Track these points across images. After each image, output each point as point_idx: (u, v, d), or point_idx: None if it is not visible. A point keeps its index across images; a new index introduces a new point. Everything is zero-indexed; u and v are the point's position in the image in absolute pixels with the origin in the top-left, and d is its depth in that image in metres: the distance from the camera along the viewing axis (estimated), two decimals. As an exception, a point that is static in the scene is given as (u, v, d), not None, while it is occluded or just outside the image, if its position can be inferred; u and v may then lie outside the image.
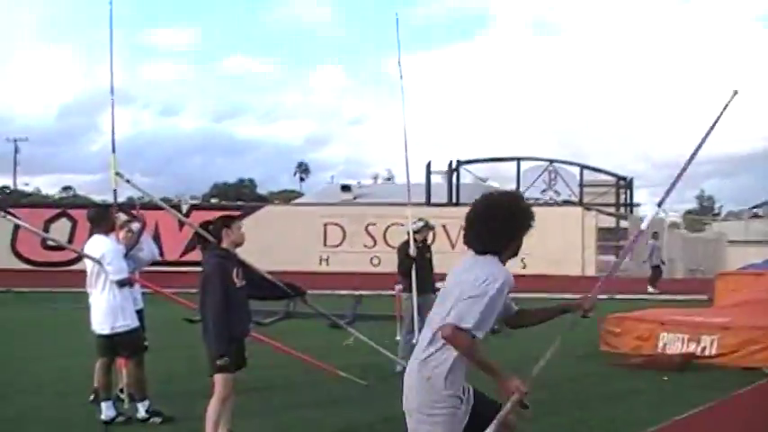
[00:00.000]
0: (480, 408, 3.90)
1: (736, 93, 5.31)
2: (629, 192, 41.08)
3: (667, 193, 5.45)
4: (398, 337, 11.53)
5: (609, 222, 38.49)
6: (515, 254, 4.15)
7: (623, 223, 38.68)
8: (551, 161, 39.20)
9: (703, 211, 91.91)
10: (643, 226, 6.00)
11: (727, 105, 5.30)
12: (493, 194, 4.28)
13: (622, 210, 40.14)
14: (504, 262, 4.06)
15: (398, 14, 10.32)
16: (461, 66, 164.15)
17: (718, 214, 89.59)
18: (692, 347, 11.13)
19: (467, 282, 3.85)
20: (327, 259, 31.62)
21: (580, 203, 36.95)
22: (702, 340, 11.11)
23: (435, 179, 40.06)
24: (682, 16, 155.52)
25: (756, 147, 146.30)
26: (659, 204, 5.98)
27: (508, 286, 3.93)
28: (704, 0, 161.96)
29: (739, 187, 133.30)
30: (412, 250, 10.60)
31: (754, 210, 68.17)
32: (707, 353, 11.00)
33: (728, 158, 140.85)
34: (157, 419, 7.61)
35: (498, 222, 4.00)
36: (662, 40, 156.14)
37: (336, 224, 32.00)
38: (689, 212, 73.07)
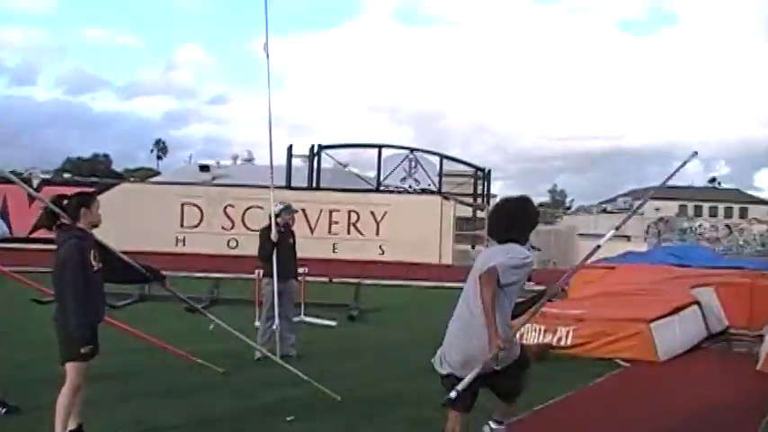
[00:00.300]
0: None
1: (695, 153, 6.18)
2: (486, 183, 41.84)
3: (624, 221, 6.86)
4: (257, 323, 11.29)
5: (466, 212, 39.12)
6: (525, 243, 5.40)
7: (480, 213, 39.40)
8: (412, 150, 39.46)
9: (555, 205, 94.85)
10: (601, 242, 6.22)
11: (685, 163, 6.22)
12: (511, 200, 5.62)
13: (480, 200, 40.84)
14: None
15: (268, -7, 9.91)
16: (329, 51, 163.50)
17: (569, 208, 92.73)
18: (548, 338, 11.34)
19: (500, 255, 5.12)
20: (184, 240, 30.89)
21: (439, 192, 37.38)
22: (559, 331, 11.34)
23: (296, 163, 39.75)
24: (542, 16, 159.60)
25: (606, 146, 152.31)
26: (617, 228, 6.52)
27: (530, 265, 5.24)
28: (567, 5, 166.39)
29: (589, 183, 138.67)
30: (273, 235, 10.32)
31: (603, 205, 70.98)
32: (563, 343, 11.23)
33: (580, 155, 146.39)
34: (1, 410, 7.12)
35: (518, 220, 5.38)
36: (522, 37, 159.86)
37: (194, 204, 31.27)
38: (541, 205, 75.12)
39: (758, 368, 10.15)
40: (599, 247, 6.13)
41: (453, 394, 5.06)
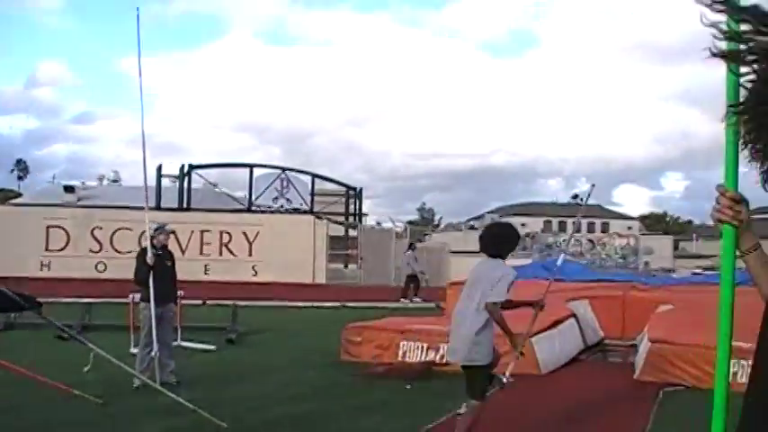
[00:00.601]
0: None
1: (593, 186, 7.16)
2: (357, 201, 42.02)
3: (567, 241, 6.93)
4: (133, 350, 10.90)
5: (339, 231, 39.16)
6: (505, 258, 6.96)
7: (352, 232, 39.49)
8: (284, 169, 39.30)
9: (424, 222, 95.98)
10: (558, 262, 8.26)
11: (588, 195, 8.29)
12: (500, 224, 8.42)
13: (351, 219, 40.97)
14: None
15: (140, 10, 9.63)
16: (198, 70, 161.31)
17: (438, 225, 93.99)
18: (431, 355, 11.35)
19: (493, 275, 6.63)
20: (49, 264, 29.77)
21: (311, 212, 37.31)
22: (442, 348, 11.35)
23: (166, 183, 38.99)
24: (409, 38, 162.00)
25: (471, 164, 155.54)
26: (565, 253, 8.59)
27: (515, 276, 6.78)
28: (432, 28, 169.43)
29: (457, 201, 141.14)
30: (149, 258, 9.96)
31: (471, 222, 72.32)
32: (445, 360, 11.24)
33: (447, 174, 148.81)
34: None
35: (504, 240, 6.97)
36: (388, 58, 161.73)
37: (59, 227, 30.24)
38: (411, 223, 75.94)
39: (635, 377, 10.43)
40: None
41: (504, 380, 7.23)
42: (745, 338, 8.49)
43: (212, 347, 13.23)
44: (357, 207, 42.25)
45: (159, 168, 37.16)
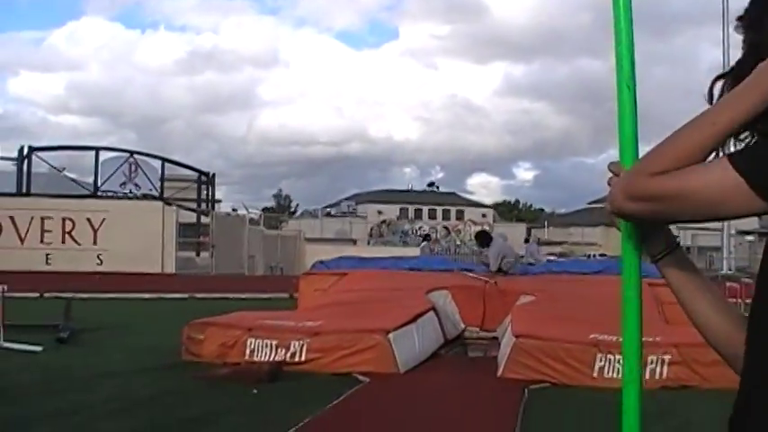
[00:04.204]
0: None
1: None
2: (210, 188, 40.91)
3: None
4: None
5: (190, 218, 38.04)
6: None
7: (204, 219, 38.35)
8: (132, 153, 37.65)
9: (280, 209, 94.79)
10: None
11: None
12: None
13: (204, 205, 39.85)
14: None
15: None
16: (49, 51, 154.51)
17: (294, 212, 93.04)
18: (281, 354, 10.49)
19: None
20: None
21: (161, 198, 35.92)
22: (292, 346, 10.52)
23: (3, 166, 36.77)
24: (264, 25, 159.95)
25: (328, 151, 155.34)
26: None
27: None
28: (291, 15, 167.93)
29: (314, 187, 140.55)
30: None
31: (328, 209, 71.95)
32: (296, 359, 10.42)
33: (304, 161, 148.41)
34: None
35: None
36: (241, 43, 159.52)
37: None
38: (266, 210, 74.81)
39: (499, 375, 9.90)
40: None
41: None
42: (611, 331, 8.05)
43: (38, 348, 11.75)
44: (210, 193, 40.99)
45: (-6, 151, 34.93)
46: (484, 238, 17.42)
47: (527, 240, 33.48)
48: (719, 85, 1.53)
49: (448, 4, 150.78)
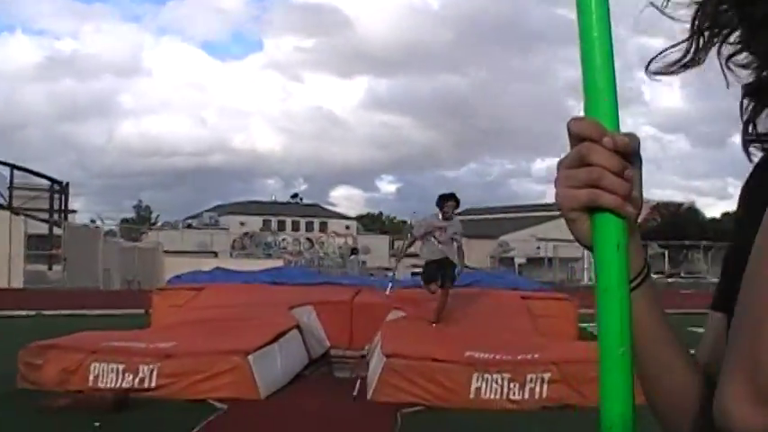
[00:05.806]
0: None
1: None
2: (64, 197, 39.12)
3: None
4: None
5: (41, 229, 36.24)
6: None
7: (57, 230, 36.58)
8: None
9: (141, 221, 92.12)
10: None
11: None
12: None
13: (57, 216, 38.08)
14: None
15: None
16: None
17: (155, 224, 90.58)
18: (128, 379, 9.51)
19: None
20: None
21: (9, 207, 34.03)
22: (141, 370, 9.53)
23: None
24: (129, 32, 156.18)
25: (190, 162, 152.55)
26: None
27: None
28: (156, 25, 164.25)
29: (176, 199, 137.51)
30: None
31: (189, 221, 70.41)
32: (146, 385, 9.45)
33: (166, 172, 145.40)
34: None
35: None
36: (115, 53, 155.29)
37: None
38: (126, 221, 72.52)
39: (369, 397, 9.26)
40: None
41: None
42: (487, 348, 7.46)
43: None
44: (63, 203, 39.12)
45: None
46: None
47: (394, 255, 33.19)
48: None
49: (312, 18, 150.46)
